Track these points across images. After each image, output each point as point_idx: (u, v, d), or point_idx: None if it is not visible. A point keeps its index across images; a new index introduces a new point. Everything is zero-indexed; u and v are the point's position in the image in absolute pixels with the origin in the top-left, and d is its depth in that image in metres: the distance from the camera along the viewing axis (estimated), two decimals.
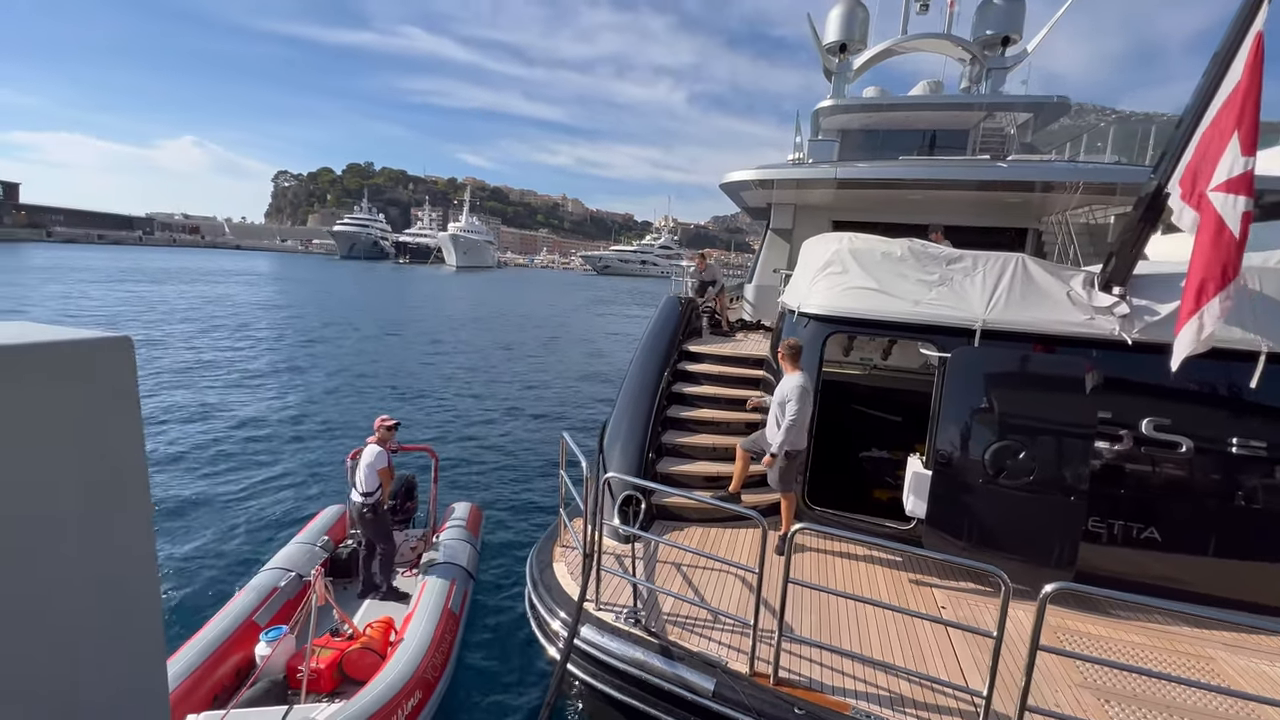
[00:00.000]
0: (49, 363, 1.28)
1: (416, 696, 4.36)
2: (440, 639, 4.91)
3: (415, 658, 4.55)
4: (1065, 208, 10.78)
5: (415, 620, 5.02)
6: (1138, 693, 3.70)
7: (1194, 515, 4.77)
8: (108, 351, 1.42)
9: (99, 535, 1.42)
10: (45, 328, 1.33)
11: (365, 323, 29.08)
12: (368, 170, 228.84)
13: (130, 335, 1.45)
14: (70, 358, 1.33)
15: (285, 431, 12.04)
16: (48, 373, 1.27)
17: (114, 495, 1.45)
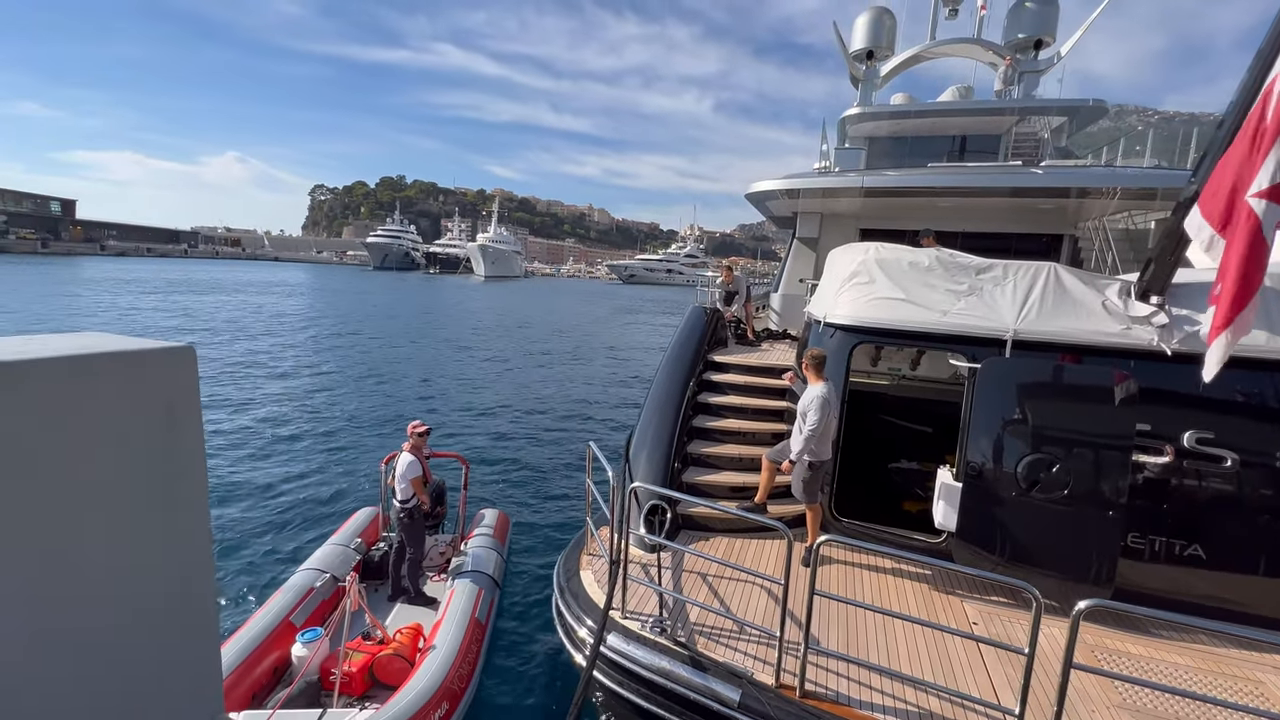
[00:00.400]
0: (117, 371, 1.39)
1: (444, 707, 4.44)
2: (467, 648, 5.01)
3: (443, 668, 4.64)
4: (1102, 213, 10.50)
5: (444, 629, 5.13)
6: (1179, 715, 3.58)
7: (1241, 532, 4.60)
8: (171, 360, 1.52)
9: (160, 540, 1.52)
10: (113, 338, 1.45)
11: (396, 331, 29.79)
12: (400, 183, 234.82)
13: (193, 345, 1.57)
14: (137, 366, 1.44)
15: (321, 434, 12.48)
16: (116, 381, 1.38)
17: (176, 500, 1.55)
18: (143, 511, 1.44)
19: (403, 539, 5.93)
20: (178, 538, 1.58)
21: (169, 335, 23.88)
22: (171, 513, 1.54)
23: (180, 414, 1.56)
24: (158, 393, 1.49)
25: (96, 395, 1.33)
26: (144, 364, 1.46)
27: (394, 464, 5.97)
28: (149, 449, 1.47)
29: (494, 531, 6.90)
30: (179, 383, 1.55)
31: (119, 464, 1.39)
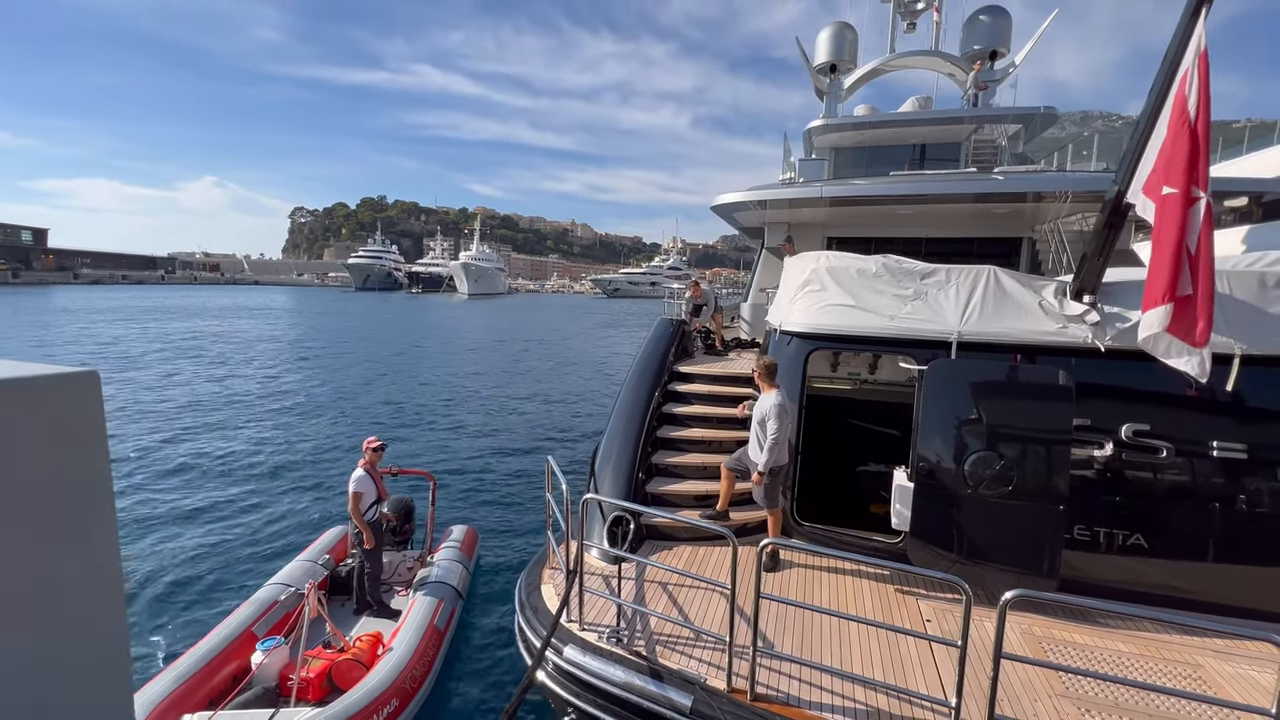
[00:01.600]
0: (16, 397, 1.43)
1: (394, 704, 4.61)
2: (423, 652, 5.14)
3: (396, 668, 4.80)
4: (1056, 216, 10.82)
5: (401, 634, 5.25)
6: (1120, 702, 3.68)
7: (1178, 520, 4.75)
8: (75, 385, 1.57)
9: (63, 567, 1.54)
10: (16, 364, 1.50)
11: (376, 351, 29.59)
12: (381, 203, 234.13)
13: (97, 370, 1.61)
14: (37, 392, 1.48)
15: (295, 455, 12.54)
16: (15, 406, 1.42)
17: (79, 524, 1.58)
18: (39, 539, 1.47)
19: (361, 554, 6.02)
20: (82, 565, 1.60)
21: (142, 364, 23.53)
22: (74, 541, 1.57)
23: (83, 437, 1.59)
24: (57, 418, 1.53)
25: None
26: (44, 389, 1.50)
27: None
28: (46, 474, 1.50)
29: (461, 546, 7.00)
30: (81, 408, 1.59)
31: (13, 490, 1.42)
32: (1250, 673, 3.97)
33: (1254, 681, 3.90)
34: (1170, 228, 3.63)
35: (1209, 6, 3.69)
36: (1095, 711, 3.59)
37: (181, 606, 6.72)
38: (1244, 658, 4.12)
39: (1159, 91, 4.01)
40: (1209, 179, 3.71)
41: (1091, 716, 3.55)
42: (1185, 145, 3.60)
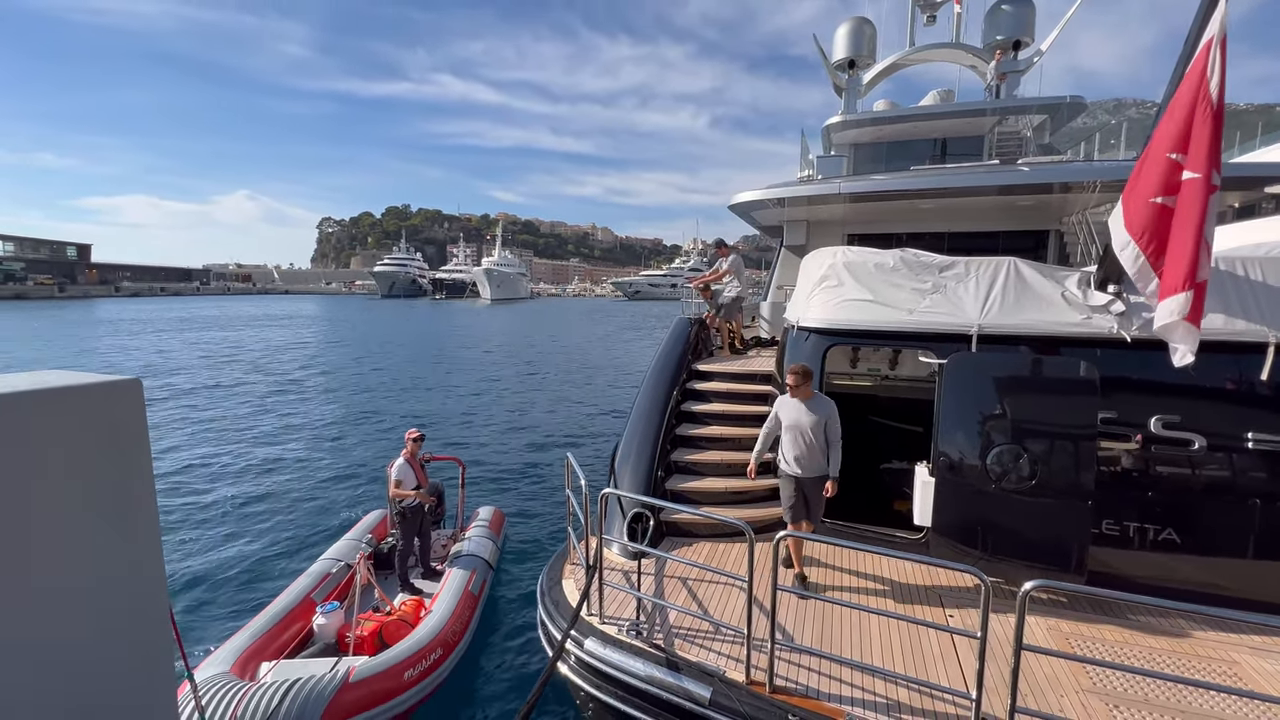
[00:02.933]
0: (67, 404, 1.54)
1: (438, 653, 5.32)
2: (460, 613, 5.85)
3: (439, 625, 5.51)
4: (1084, 207, 10.58)
5: (441, 599, 5.97)
6: (1150, 698, 3.60)
7: (1212, 515, 4.62)
8: (119, 393, 1.68)
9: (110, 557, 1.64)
10: (65, 374, 1.61)
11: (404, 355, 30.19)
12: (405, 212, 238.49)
13: (139, 378, 1.73)
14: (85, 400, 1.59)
15: (336, 450, 13.54)
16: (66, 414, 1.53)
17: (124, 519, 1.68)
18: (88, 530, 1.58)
19: (400, 533, 6.65)
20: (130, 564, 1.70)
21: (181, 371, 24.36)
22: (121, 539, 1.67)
23: (127, 440, 1.70)
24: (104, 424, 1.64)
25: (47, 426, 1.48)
26: (91, 397, 1.61)
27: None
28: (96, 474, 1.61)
29: (489, 524, 7.63)
30: (125, 414, 1.70)
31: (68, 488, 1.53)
32: None
33: None
34: (1193, 213, 3.56)
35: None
36: (1125, 707, 3.52)
37: (244, 581, 7.63)
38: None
39: (1178, 78, 3.93)
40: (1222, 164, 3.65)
41: (1121, 712, 3.49)
42: (1207, 130, 3.53)
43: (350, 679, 4.56)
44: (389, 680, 4.75)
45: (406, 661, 4.93)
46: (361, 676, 4.62)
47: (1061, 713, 3.45)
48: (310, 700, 4.29)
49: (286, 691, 4.28)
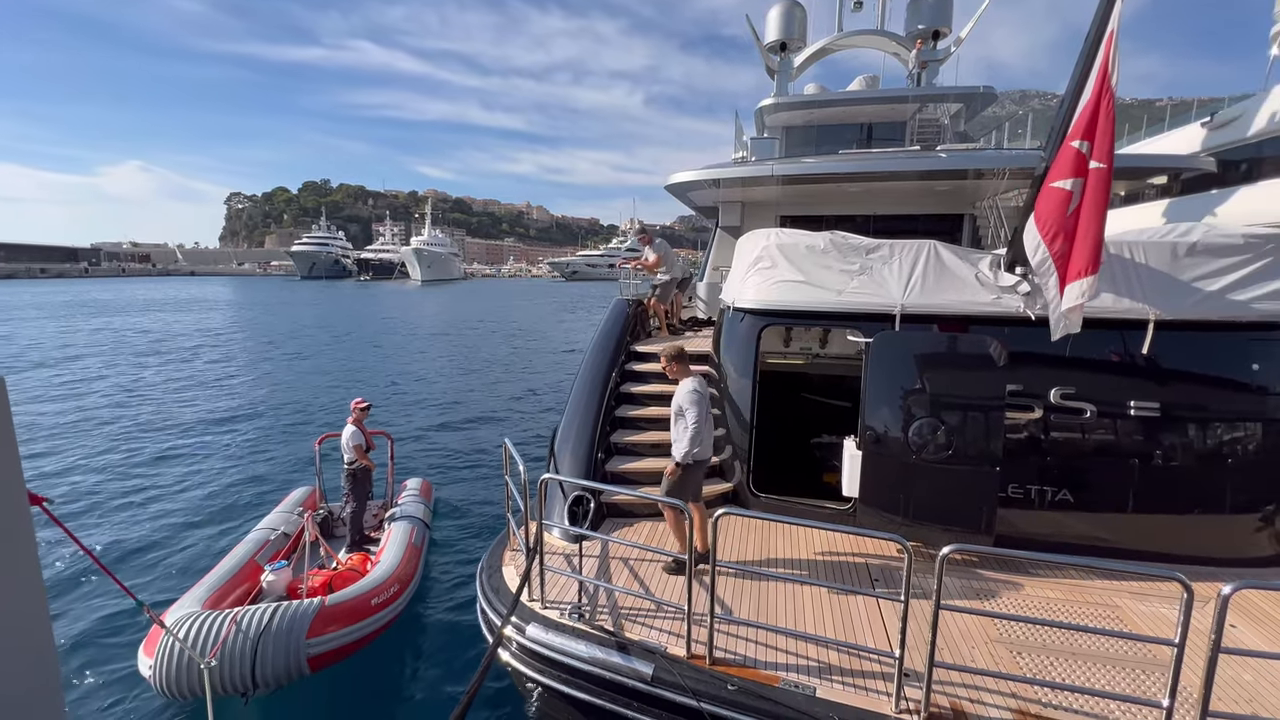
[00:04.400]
0: None
1: (395, 587, 5.79)
2: (408, 558, 6.30)
3: (394, 563, 6.05)
4: (995, 193, 11.25)
5: (388, 548, 6.40)
6: (1048, 643, 3.97)
7: (1100, 475, 5.11)
8: None
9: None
10: None
11: (327, 340, 28.60)
12: (325, 188, 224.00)
13: (2, 375, 1.54)
14: None
15: (254, 434, 13.46)
16: None
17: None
18: None
19: (350, 493, 6.99)
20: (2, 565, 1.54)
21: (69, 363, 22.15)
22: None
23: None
24: None
25: None
26: None
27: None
28: None
29: (420, 492, 8.06)
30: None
31: None
32: (1161, 610, 4.34)
33: (1164, 618, 4.26)
34: (1099, 201, 3.85)
35: None
36: (1026, 653, 3.87)
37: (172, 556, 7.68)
38: (1156, 598, 4.49)
39: (1081, 71, 4.21)
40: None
41: (1023, 658, 3.83)
42: (1111, 123, 3.81)
43: (326, 604, 5.08)
44: (359, 605, 5.31)
45: (371, 591, 5.49)
46: (336, 602, 5.18)
47: (973, 663, 3.75)
48: (296, 618, 4.80)
49: (273, 613, 4.75)
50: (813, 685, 3.55)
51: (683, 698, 3.56)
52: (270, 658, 4.58)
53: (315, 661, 4.83)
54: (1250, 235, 5.02)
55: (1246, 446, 5.03)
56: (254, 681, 4.55)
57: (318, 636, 4.83)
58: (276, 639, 4.63)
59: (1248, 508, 5.05)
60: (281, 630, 4.65)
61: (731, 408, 6.31)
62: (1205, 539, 5.05)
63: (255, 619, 4.64)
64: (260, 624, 4.62)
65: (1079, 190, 3.97)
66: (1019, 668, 3.75)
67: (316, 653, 4.82)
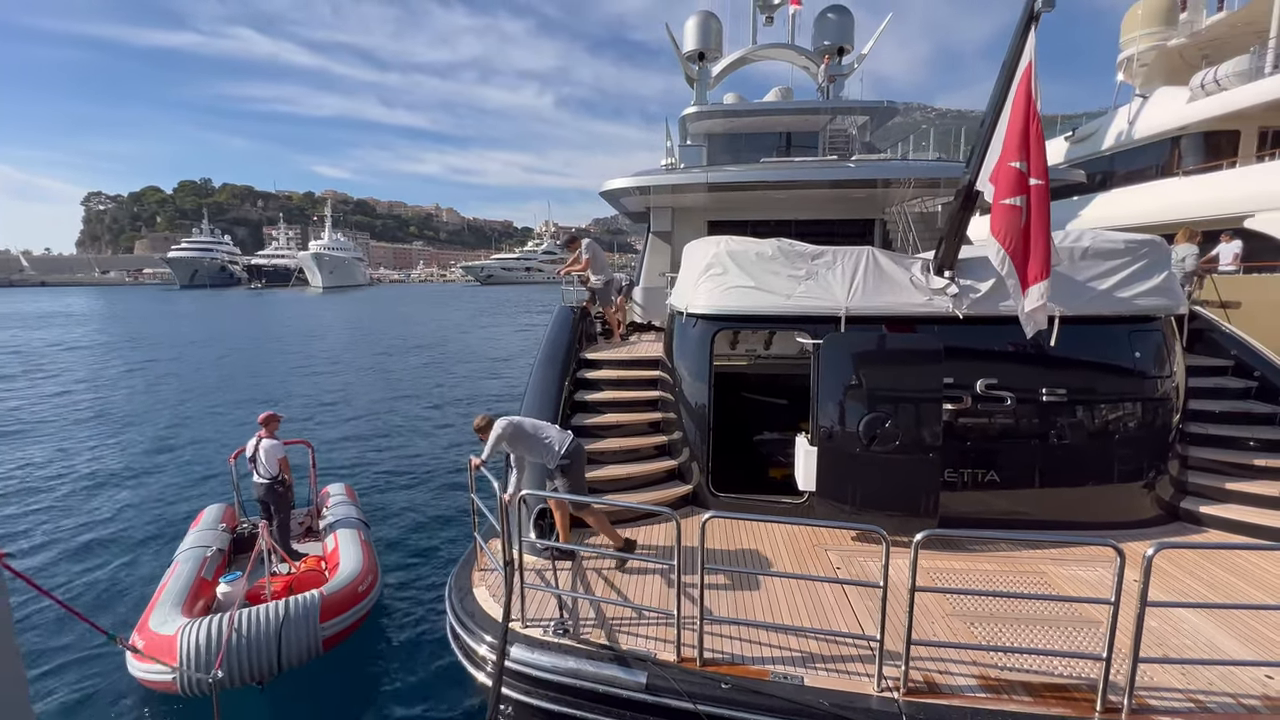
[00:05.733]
0: None
1: (371, 577, 6.22)
2: (368, 553, 6.57)
3: (358, 556, 6.37)
4: (902, 200, 12.21)
5: (343, 548, 6.54)
6: (994, 612, 4.40)
7: (1020, 456, 5.72)
8: None
9: None
10: None
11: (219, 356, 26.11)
12: (206, 188, 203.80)
13: None
14: None
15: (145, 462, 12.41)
16: None
17: None
18: None
19: (274, 507, 6.73)
20: None
21: None
22: None
23: None
24: None
25: None
26: None
27: (249, 454, 6.77)
28: None
29: (347, 495, 8.04)
30: None
31: None
32: (1078, 572, 4.92)
33: (1081, 579, 4.84)
34: (1042, 214, 4.31)
35: (1038, 22, 4.38)
36: (977, 623, 4.26)
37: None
38: (1074, 561, 5.08)
39: (1000, 94, 4.68)
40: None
41: (975, 628, 4.22)
42: (1041, 143, 4.28)
43: (325, 594, 5.57)
44: (349, 593, 5.79)
45: (356, 579, 5.97)
46: (332, 592, 5.67)
47: (935, 637, 4.08)
48: (310, 606, 5.36)
49: (287, 605, 5.25)
50: (800, 675, 3.72)
51: (679, 702, 3.62)
52: (294, 641, 5.21)
53: (328, 642, 5.49)
54: (1129, 240, 5.80)
55: (1131, 423, 5.81)
56: (279, 664, 5.13)
57: (328, 620, 5.47)
58: (298, 625, 5.24)
59: (1134, 476, 5.83)
60: (300, 616, 5.27)
61: (687, 410, 6.44)
62: (1104, 505, 5.78)
63: (273, 611, 5.20)
64: (279, 614, 5.20)
65: (1025, 205, 4.43)
66: (975, 637, 4.13)
67: (329, 634, 5.47)
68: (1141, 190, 15.66)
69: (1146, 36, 17.08)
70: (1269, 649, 3.96)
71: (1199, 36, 16.75)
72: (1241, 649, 3.96)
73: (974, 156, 5.05)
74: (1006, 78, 4.61)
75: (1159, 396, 5.82)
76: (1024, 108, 4.43)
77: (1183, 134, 14.78)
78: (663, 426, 6.89)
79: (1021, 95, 4.45)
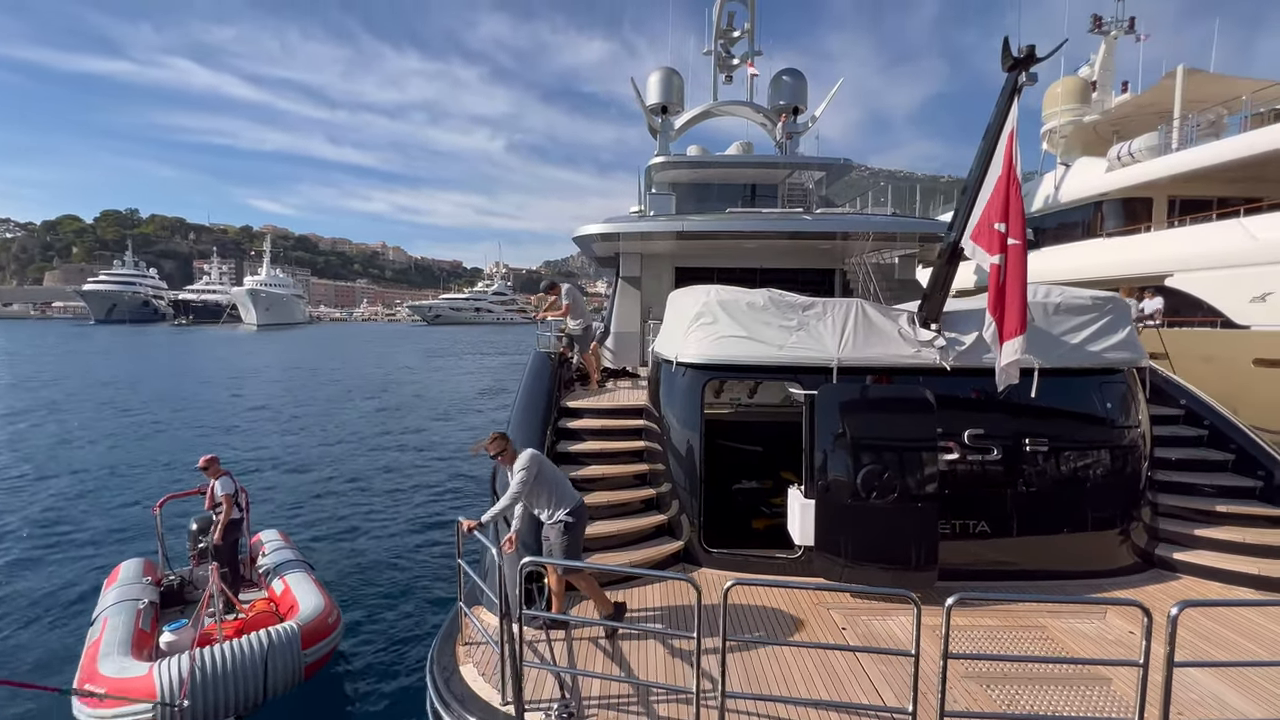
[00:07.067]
0: None
1: (335, 611, 6.20)
2: (325, 592, 6.40)
3: (318, 595, 6.25)
4: (861, 252, 12.73)
5: (297, 588, 6.38)
6: (1007, 673, 4.30)
7: (1007, 505, 5.77)
8: None
9: None
10: None
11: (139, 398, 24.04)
12: (132, 218, 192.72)
13: None
14: None
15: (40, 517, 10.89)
16: None
17: None
18: None
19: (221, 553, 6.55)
20: None
21: None
22: None
23: None
24: None
25: None
26: None
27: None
28: None
29: (282, 540, 7.73)
30: None
31: None
32: (1077, 625, 4.92)
33: (1080, 632, 4.83)
34: (1019, 272, 4.46)
35: (1020, 94, 4.65)
36: (993, 685, 4.15)
37: None
38: (1070, 615, 5.08)
39: (984, 159, 4.90)
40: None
41: (991, 690, 4.10)
42: (1018, 206, 4.46)
43: (299, 621, 5.66)
44: (320, 625, 5.79)
45: (324, 611, 5.97)
46: (304, 620, 5.71)
47: (954, 700, 3.93)
48: (291, 635, 5.43)
49: (270, 635, 5.32)
50: None
51: None
52: (280, 668, 5.26)
53: (308, 670, 5.54)
54: (1095, 297, 6.13)
55: (1110, 471, 5.99)
56: (265, 691, 5.16)
57: (309, 648, 5.52)
58: (283, 652, 5.30)
59: (1113, 523, 5.99)
60: (284, 644, 5.34)
61: (677, 461, 6.24)
62: (1088, 554, 5.89)
63: (257, 640, 5.24)
64: (264, 643, 5.24)
65: (1004, 264, 4.58)
66: (993, 700, 4.00)
67: (309, 661, 5.53)
68: (1071, 249, 16.97)
69: (1066, 112, 18.88)
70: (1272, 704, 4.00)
71: (1110, 114, 18.66)
72: (1245, 703, 3.99)
73: (958, 216, 5.24)
74: (989, 144, 4.84)
75: (1130, 444, 6.06)
76: (1006, 173, 4.65)
77: (1104, 199, 16.21)
78: (649, 479, 6.65)
79: (1004, 161, 4.67)
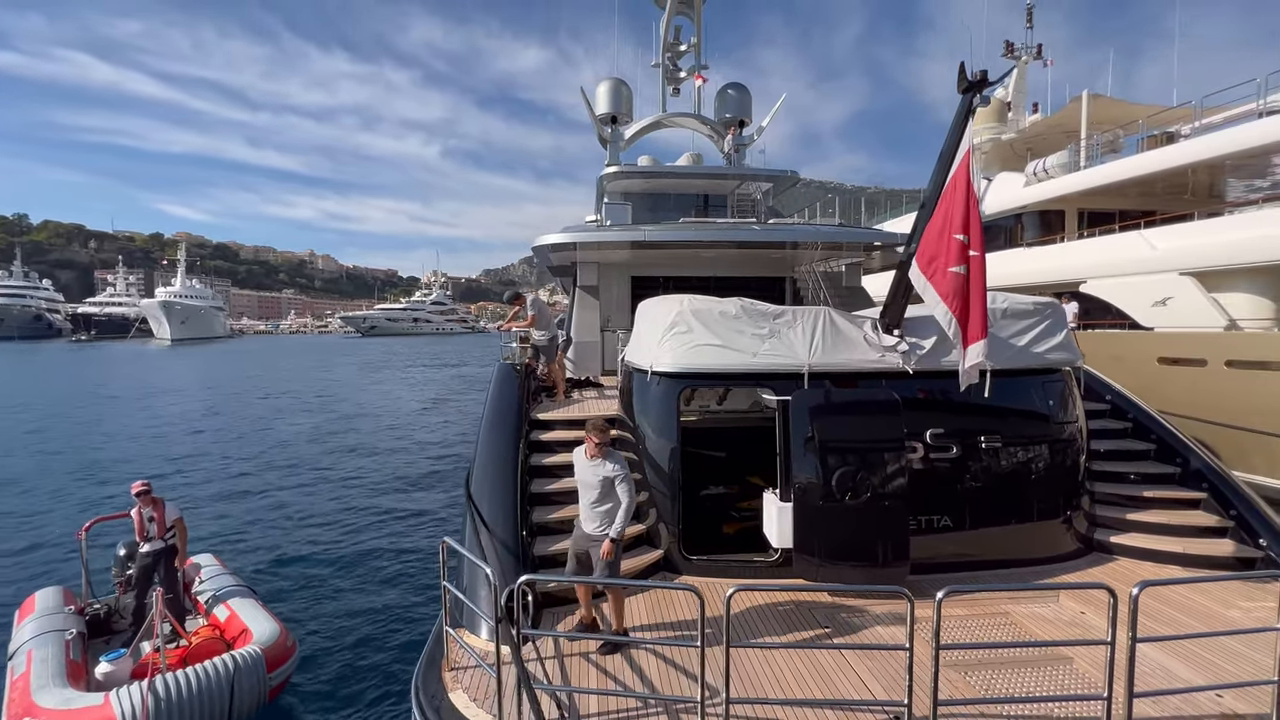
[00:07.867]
0: None
1: (291, 636, 6.14)
2: (274, 616, 6.27)
3: (270, 619, 6.14)
4: (810, 260, 13.22)
5: (246, 613, 6.21)
6: (981, 659, 4.54)
7: (965, 500, 6.11)
8: None
9: None
10: None
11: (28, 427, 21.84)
12: (21, 224, 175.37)
13: None
14: None
15: None
16: None
17: None
18: None
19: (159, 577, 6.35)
20: None
21: None
22: None
23: None
24: None
25: None
26: None
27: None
28: None
29: (219, 565, 7.47)
30: None
31: None
32: (1037, 610, 5.26)
33: (1041, 616, 5.17)
34: (980, 281, 4.76)
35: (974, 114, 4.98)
36: (970, 673, 4.38)
37: None
38: (1028, 600, 5.43)
39: (940, 176, 5.20)
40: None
41: (970, 677, 4.32)
42: (976, 218, 4.77)
43: (259, 645, 5.61)
44: (278, 649, 5.74)
45: (281, 636, 5.91)
46: (263, 644, 5.66)
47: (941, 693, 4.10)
48: (256, 658, 5.44)
49: (234, 659, 5.34)
50: None
51: None
52: (246, 691, 5.29)
53: (272, 692, 5.58)
54: (1036, 302, 6.61)
55: (1053, 464, 6.44)
56: (230, 716, 5.17)
57: (272, 672, 5.53)
58: (248, 675, 5.33)
59: (1058, 512, 6.44)
60: (249, 667, 5.37)
61: (653, 470, 6.26)
62: (1037, 542, 6.30)
63: (222, 665, 5.25)
64: (230, 667, 5.25)
65: (966, 273, 4.88)
66: (973, 686, 4.22)
67: (274, 684, 5.56)
68: (996, 258, 18.23)
69: (985, 130, 20.33)
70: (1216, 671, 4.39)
71: (1025, 133, 20.24)
72: (1189, 672, 4.38)
73: (914, 231, 5.54)
74: (945, 162, 5.15)
75: (1070, 438, 6.55)
76: (965, 189, 4.96)
77: (1023, 212, 17.53)
78: None
79: (962, 177, 4.98)
